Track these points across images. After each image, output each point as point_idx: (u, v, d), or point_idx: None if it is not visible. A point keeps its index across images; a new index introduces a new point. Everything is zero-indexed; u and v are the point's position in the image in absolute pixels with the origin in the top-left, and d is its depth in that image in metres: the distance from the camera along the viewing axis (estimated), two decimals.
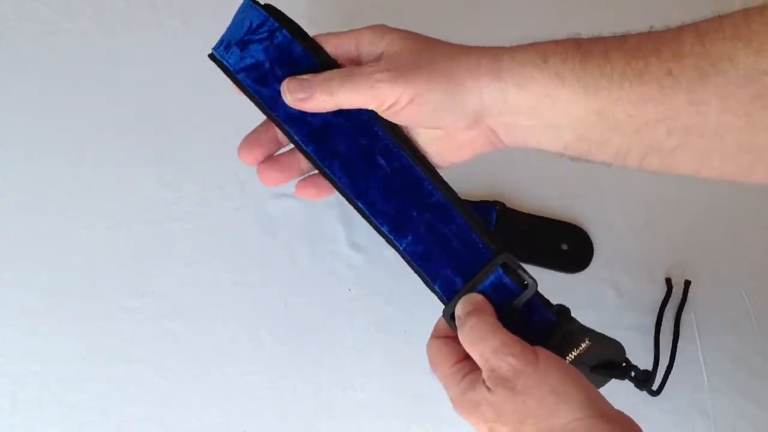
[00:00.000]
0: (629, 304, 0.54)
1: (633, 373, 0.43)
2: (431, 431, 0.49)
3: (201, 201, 0.55)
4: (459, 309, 0.38)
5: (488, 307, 0.38)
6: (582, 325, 0.40)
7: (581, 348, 0.40)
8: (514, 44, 0.38)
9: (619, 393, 0.40)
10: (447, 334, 0.40)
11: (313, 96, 0.37)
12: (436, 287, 0.40)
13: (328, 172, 0.40)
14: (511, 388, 0.35)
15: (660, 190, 0.56)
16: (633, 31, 0.36)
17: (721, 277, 0.54)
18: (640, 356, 0.52)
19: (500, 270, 0.39)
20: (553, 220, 0.55)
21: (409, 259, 0.40)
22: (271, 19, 0.39)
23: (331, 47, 0.39)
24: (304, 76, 0.38)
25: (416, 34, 0.39)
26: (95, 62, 0.58)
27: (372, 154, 0.40)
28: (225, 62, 0.41)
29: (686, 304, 0.53)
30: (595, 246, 0.55)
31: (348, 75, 0.37)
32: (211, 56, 0.42)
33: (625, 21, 0.38)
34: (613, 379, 0.43)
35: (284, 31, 0.39)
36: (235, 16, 0.42)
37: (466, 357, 0.38)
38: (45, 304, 0.51)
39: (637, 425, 0.35)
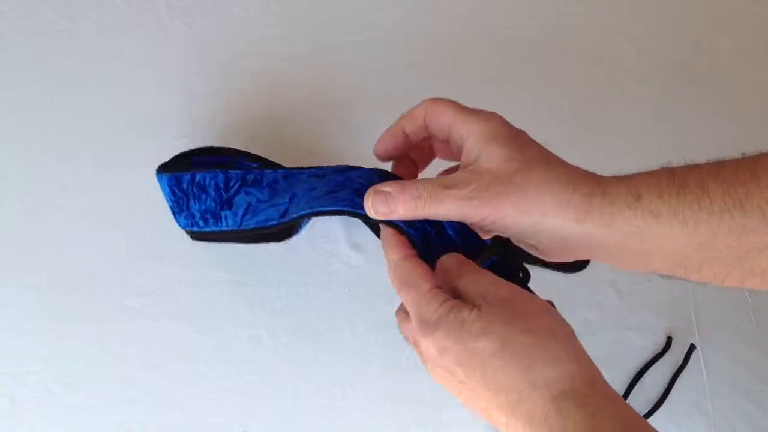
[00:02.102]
0: (629, 304, 0.54)
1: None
2: (431, 431, 0.49)
3: None
4: (447, 259, 0.38)
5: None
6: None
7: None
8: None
9: (617, 391, 0.40)
10: (408, 253, 0.38)
11: (396, 211, 0.37)
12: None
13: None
14: (510, 299, 0.35)
15: None
16: (726, 157, 0.35)
17: None
18: (639, 357, 0.52)
19: (496, 258, 0.39)
20: None
21: (409, 234, 0.40)
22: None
23: (447, 121, 0.39)
24: (387, 187, 0.38)
25: (516, 154, 0.37)
26: (95, 62, 0.58)
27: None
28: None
29: (687, 304, 0.53)
30: None
31: (434, 194, 0.37)
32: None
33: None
34: None
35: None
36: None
37: (441, 288, 0.37)
38: (45, 304, 0.51)
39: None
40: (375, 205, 0.38)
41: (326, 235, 0.54)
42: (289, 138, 0.57)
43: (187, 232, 0.51)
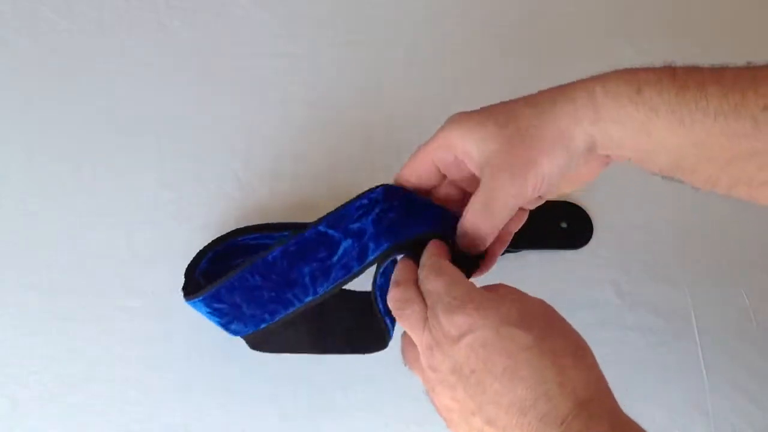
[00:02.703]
0: (629, 304, 0.54)
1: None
2: (431, 431, 0.49)
3: (201, 201, 0.55)
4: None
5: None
6: None
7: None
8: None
9: (618, 391, 0.40)
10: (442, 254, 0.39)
11: (487, 240, 0.39)
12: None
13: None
14: (544, 305, 0.35)
15: (660, 187, 0.56)
16: (730, 64, 0.36)
17: (721, 277, 0.54)
18: (639, 357, 0.52)
19: None
20: (551, 200, 0.55)
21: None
22: None
23: (426, 163, 0.41)
24: (471, 229, 0.39)
25: (497, 121, 0.39)
26: (95, 62, 0.58)
27: None
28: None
29: (687, 304, 0.53)
30: (594, 223, 0.55)
31: (487, 209, 0.38)
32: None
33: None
34: None
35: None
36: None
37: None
38: (45, 304, 0.51)
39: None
40: (473, 245, 0.39)
41: None
42: (290, 138, 0.57)
43: (250, 338, 0.45)
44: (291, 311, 0.41)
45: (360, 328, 0.46)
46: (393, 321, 0.41)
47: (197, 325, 0.51)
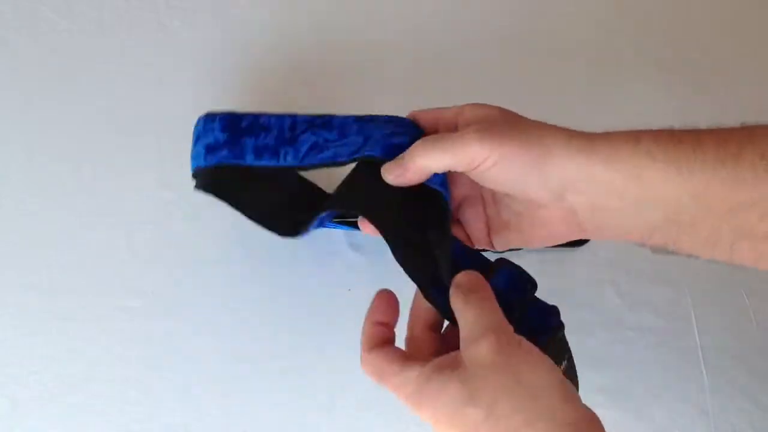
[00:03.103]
0: (629, 304, 0.54)
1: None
2: (430, 431, 0.49)
3: (201, 201, 0.55)
4: (463, 279, 0.38)
5: (488, 286, 0.38)
6: (566, 341, 0.40)
7: (562, 366, 0.39)
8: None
9: (618, 391, 0.40)
10: (378, 344, 0.38)
11: (408, 168, 0.38)
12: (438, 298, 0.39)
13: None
14: (492, 362, 0.34)
15: None
16: (723, 125, 0.36)
17: (721, 277, 0.54)
18: (639, 357, 0.52)
19: (506, 268, 0.39)
20: None
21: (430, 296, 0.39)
22: None
23: (432, 115, 0.42)
24: (401, 156, 0.39)
25: (513, 111, 0.40)
26: (95, 62, 0.58)
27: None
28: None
29: (687, 304, 0.53)
30: None
31: (437, 138, 0.38)
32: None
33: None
34: None
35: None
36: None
37: (411, 358, 0.37)
38: (45, 304, 0.51)
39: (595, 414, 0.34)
40: (390, 171, 0.39)
41: (326, 235, 0.54)
42: None
43: (203, 173, 0.46)
44: (267, 164, 0.44)
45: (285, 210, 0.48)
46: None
47: (197, 324, 0.51)
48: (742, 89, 0.62)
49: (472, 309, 0.36)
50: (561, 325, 0.39)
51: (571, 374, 0.39)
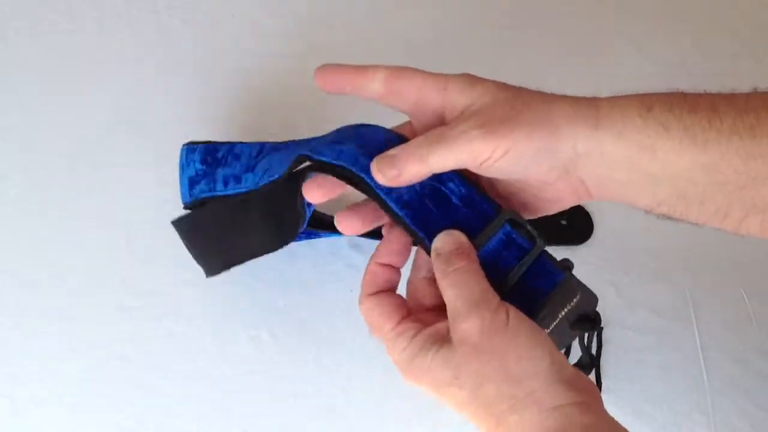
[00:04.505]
0: (629, 304, 0.54)
1: (594, 336, 0.41)
2: (432, 431, 0.49)
3: None
4: (442, 243, 0.36)
5: (473, 251, 0.36)
6: (576, 278, 0.38)
7: (572, 303, 0.38)
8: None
9: (618, 391, 0.40)
10: (379, 288, 0.37)
11: (405, 169, 0.35)
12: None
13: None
14: (475, 346, 0.33)
15: None
16: (738, 90, 0.35)
17: (721, 277, 0.54)
18: (639, 357, 0.52)
19: (508, 226, 0.37)
20: None
21: (401, 216, 0.37)
22: None
23: (414, 88, 0.37)
24: (392, 151, 0.36)
25: (505, 84, 0.37)
26: (95, 62, 0.58)
27: None
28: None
29: (686, 304, 0.53)
30: (594, 220, 0.55)
31: (439, 137, 0.35)
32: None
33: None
34: None
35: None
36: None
37: (409, 313, 0.36)
38: (45, 304, 0.51)
39: (596, 389, 0.34)
40: (383, 170, 0.35)
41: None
42: (290, 137, 0.57)
43: (190, 205, 0.48)
44: (233, 192, 0.46)
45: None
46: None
47: (198, 324, 0.51)
48: (742, 89, 0.62)
49: (453, 283, 0.34)
50: (565, 279, 0.38)
51: (571, 314, 0.38)
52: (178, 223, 0.44)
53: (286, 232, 0.46)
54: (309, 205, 0.44)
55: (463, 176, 0.38)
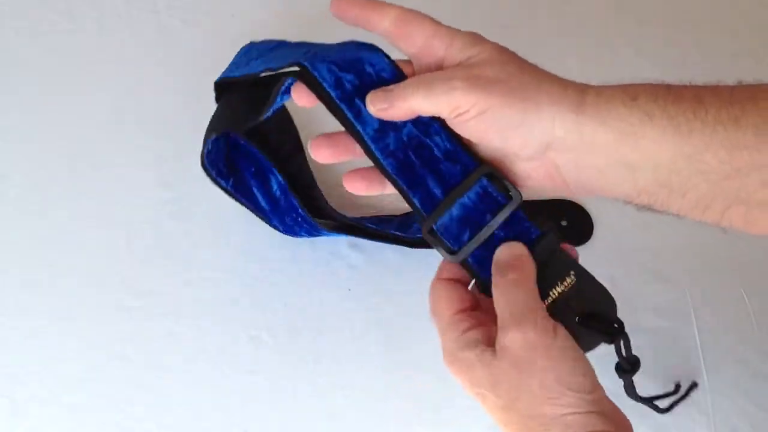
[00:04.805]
0: (629, 304, 0.54)
1: (623, 343, 0.39)
2: (431, 431, 0.49)
3: (201, 201, 0.55)
4: (503, 254, 0.37)
5: (531, 264, 0.36)
6: (568, 255, 0.38)
7: (566, 284, 0.37)
8: None
9: (618, 391, 0.40)
10: (453, 276, 0.38)
11: (393, 104, 0.37)
12: (414, 200, 0.38)
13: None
14: (516, 359, 0.33)
15: None
16: (722, 82, 0.35)
17: (721, 277, 0.54)
18: (640, 356, 0.52)
19: (485, 179, 0.37)
20: (551, 199, 0.55)
21: (384, 166, 0.38)
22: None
23: (422, 35, 0.38)
24: (389, 87, 0.37)
25: (507, 49, 0.37)
26: (95, 62, 0.58)
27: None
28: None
29: (686, 304, 0.53)
30: (594, 221, 0.55)
31: (424, 80, 0.36)
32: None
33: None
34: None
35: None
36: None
37: (473, 308, 0.37)
38: (45, 304, 0.51)
39: (631, 427, 0.35)
40: (375, 103, 0.37)
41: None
42: None
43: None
44: (237, 74, 0.46)
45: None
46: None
47: (198, 324, 0.51)
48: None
49: (502, 293, 0.35)
50: (543, 237, 0.37)
51: (571, 302, 0.37)
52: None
53: (248, 116, 0.47)
54: (284, 95, 0.44)
55: (450, 132, 0.38)
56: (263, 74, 0.43)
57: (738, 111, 0.33)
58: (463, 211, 0.37)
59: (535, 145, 0.35)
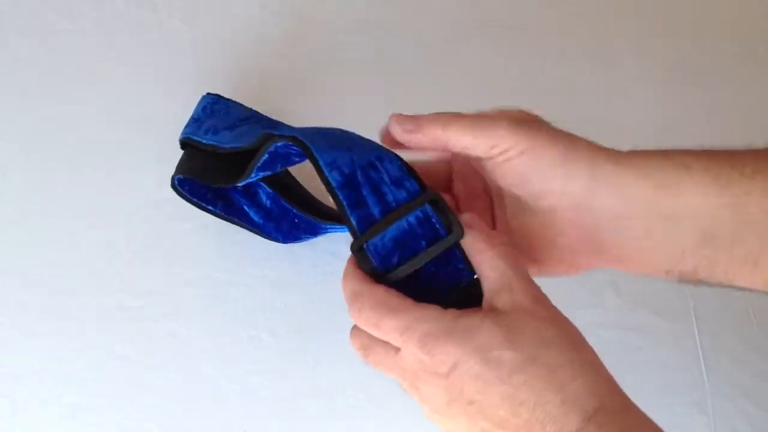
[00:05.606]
0: (629, 304, 0.54)
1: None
2: (431, 431, 0.49)
3: None
4: (476, 220, 0.35)
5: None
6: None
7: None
8: None
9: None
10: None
11: (421, 128, 0.35)
12: (351, 217, 0.36)
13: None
14: (532, 311, 0.31)
15: None
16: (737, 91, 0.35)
17: None
18: (639, 357, 0.52)
19: (428, 206, 0.35)
20: None
21: (329, 179, 0.36)
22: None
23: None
24: (414, 114, 0.36)
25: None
26: (95, 62, 0.58)
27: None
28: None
29: (687, 304, 0.53)
30: None
31: (463, 114, 0.35)
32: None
33: None
34: None
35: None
36: None
37: None
38: (45, 304, 0.51)
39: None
40: (401, 122, 0.35)
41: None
42: None
43: (180, 141, 0.51)
44: (207, 141, 0.48)
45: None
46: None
47: (198, 325, 0.51)
48: (742, 89, 0.62)
49: (502, 254, 0.33)
50: (474, 284, 0.35)
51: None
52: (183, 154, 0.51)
53: (221, 178, 0.48)
54: (259, 171, 0.44)
55: (401, 163, 0.37)
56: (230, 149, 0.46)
57: None
58: (399, 233, 0.35)
59: (574, 192, 0.34)
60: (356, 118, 0.58)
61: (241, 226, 0.52)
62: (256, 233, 0.52)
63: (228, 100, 0.52)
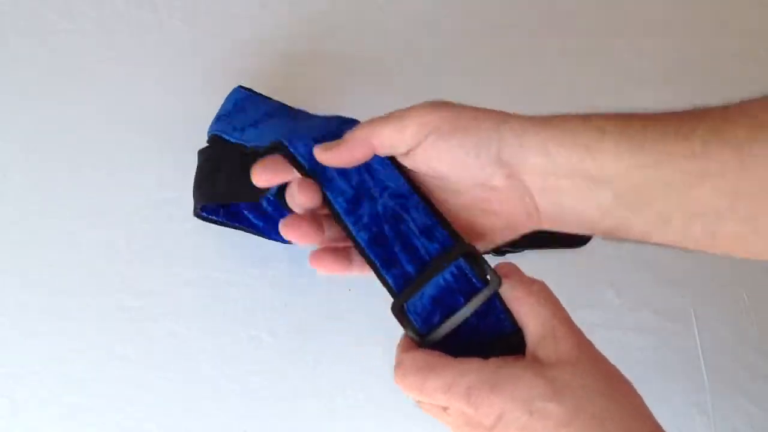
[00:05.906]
0: (629, 304, 0.54)
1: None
2: (431, 431, 0.49)
3: None
4: (513, 267, 0.36)
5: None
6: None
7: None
8: None
9: None
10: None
11: (346, 142, 0.36)
12: (387, 278, 0.36)
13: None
14: (577, 360, 0.32)
15: None
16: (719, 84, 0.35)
17: (721, 277, 0.54)
18: (639, 357, 0.52)
19: (462, 260, 0.35)
20: None
21: (357, 240, 0.36)
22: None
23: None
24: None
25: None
26: (95, 62, 0.58)
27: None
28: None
29: (687, 304, 0.53)
30: None
31: (378, 118, 0.36)
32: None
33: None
34: None
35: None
36: None
37: None
38: (45, 304, 0.51)
39: None
40: (326, 149, 0.36)
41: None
42: None
43: (208, 138, 0.52)
44: (233, 139, 0.49)
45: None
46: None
47: (198, 325, 0.51)
48: (742, 89, 0.62)
49: (542, 302, 0.34)
50: (516, 333, 0.35)
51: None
52: (200, 153, 0.51)
53: (247, 192, 0.47)
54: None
55: (428, 204, 0.37)
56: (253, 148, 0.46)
57: (687, 129, 0.33)
58: (436, 291, 0.35)
59: (504, 161, 0.35)
60: (356, 117, 0.58)
61: (243, 230, 0.52)
62: (258, 235, 0.52)
63: (258, 94, 0.53)
